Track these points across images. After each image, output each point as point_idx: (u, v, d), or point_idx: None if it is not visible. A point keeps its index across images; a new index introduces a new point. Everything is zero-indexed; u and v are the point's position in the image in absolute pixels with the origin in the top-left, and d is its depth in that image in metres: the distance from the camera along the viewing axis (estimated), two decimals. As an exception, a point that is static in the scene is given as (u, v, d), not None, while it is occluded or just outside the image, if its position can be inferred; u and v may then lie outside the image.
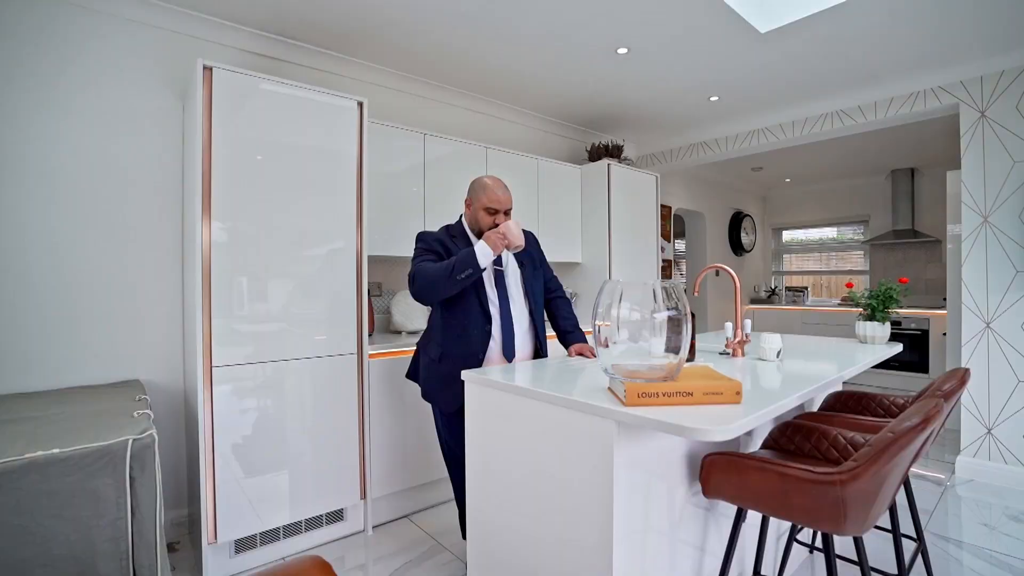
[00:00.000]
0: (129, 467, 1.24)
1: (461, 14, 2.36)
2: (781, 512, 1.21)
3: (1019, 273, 2.79)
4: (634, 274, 3.70)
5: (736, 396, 1.16)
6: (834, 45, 2.69)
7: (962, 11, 2.34)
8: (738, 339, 1.86)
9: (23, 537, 1.13)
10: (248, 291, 2.02)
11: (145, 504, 1.27)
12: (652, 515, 1.31)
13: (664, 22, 2.45)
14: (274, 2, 2.25)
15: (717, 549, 1.56)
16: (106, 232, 2.17)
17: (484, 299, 1.79)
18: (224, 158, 1.96)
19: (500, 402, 1.47)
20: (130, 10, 2.20)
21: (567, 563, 1.28)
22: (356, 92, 2.87)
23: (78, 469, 1.19)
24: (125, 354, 2.21)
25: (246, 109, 2.02)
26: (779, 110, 3.67)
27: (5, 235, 1.96)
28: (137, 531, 1.25)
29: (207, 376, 1.92)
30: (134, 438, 1.27)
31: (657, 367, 1.19)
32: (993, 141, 2.87)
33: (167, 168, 2.31)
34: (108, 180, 2.17)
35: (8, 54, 1.96)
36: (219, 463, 1.95)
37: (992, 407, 2.88)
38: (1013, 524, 2.39)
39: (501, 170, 3.16)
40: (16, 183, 1.98)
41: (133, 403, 1.71)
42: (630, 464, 1.21)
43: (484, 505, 1.54)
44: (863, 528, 1.15)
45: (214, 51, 2.42)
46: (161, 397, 2.26)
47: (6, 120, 1.96)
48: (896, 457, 1.09)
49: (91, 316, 2.13)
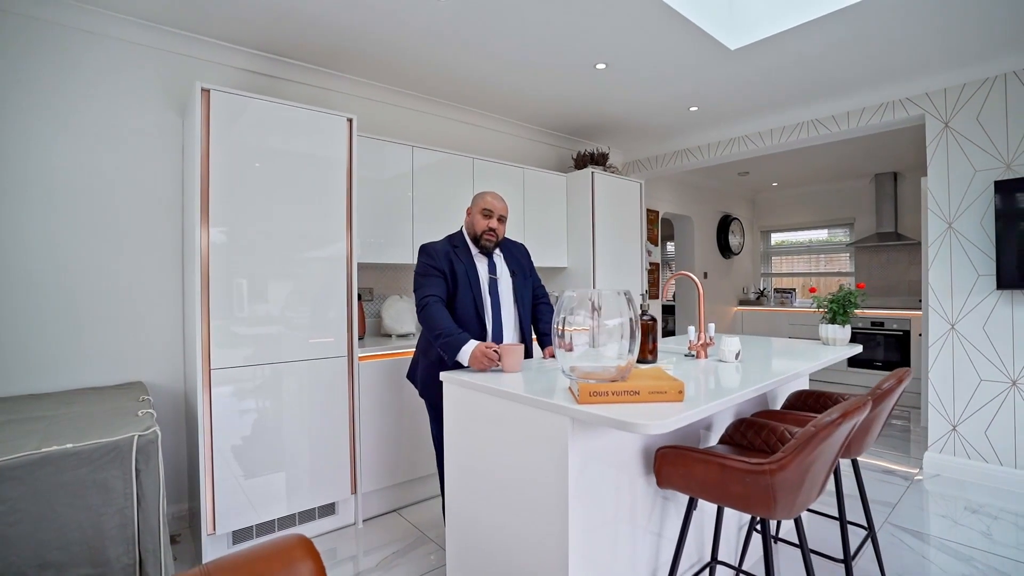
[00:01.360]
0: (135, 461, 1.37)
1: (441, 34, 2.49)
2: (722, 499, 1.35)
3: (981, 277, 2.92)
4: (618, 277, 3.83)
5: (679, 395, 1.29)
6: (804, 60, 2.83)
7: (926, 27, 2.45)
8: (701, 342, 1.99)
9: (41, 523, 1.26)
10: (244, 296, 2.15)
11: (149, 494, 1.40)
12: (612, 504, 1.44)
13: (639, 40, 2.59)
14: (268, 25, 2.39)
15: (675, 535, 1.69)
16: (110, 241, 2.30)
17: (480, 306, 1.97)
18: (221, 173, 2.09)
19: (473, 400, 1.60)
20: (136, 35, 2.33)
21: (532, 548, 1.41)
22: (347, 106, 3.00)
23: (89, 462, 1.32)
24: (128, 357, 2.34)
25: (242, 127, 2.15)
26: (757, 119, 3.81)
27: (16, 246, 2.09)
28: (143, 518, 1.38)
29: (206, 377, 2.06)
30: (139, 434, 1.40)
31: (609, 368, 1.33)
32: (956, 150, 3.00)
33: (168, 180, 2.45)
34: (112, 191, 2.31)
35: (25, 78, 2.10)
36: (218, 460, 2.08)
37: (957, 405, 3.01)
38: (969, 515, 2.52)
39: (487, 179, 3.29)
40: (26, 196, 2.11)
41: (137, 403, 1.84)
42: (585, 457, 1.34)
43: (460, 496, 1.67)
44: (791, 513, 1.28)
45: (212, 71, 2.56)
46: (163, 397, 2.39)
47: (22, 139, 2.09)
48: (818, 448, 1.22)
49: (95, 321, 2.26)
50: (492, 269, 2.05)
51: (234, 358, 2.13)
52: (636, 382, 1.30)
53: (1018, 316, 2.80)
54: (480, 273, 2.02)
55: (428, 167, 3.02)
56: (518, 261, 2.13)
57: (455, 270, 1.97)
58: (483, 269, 2.03)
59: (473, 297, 1.96)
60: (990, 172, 2.88)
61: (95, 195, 2.27)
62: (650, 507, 1.59)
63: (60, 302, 2.18)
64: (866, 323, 5.54)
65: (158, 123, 2.42)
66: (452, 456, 1.71)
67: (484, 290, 2.00)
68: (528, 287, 2.15)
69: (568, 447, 1.28)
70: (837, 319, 2.35)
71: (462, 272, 1.98)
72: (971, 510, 2.58)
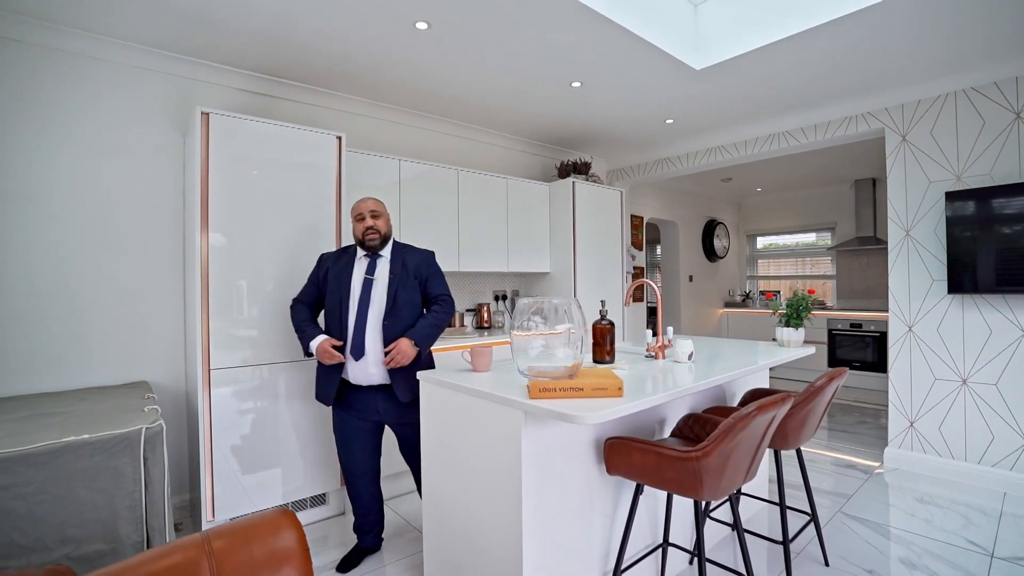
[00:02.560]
0: (143, 450, 1.56)
1: (422, 57, 2.68)
2: (658, 483, 1.53)
3: (935, 282, 3.10)
4: (599, 282, 4.01)
5: (618, 391, 1.47)
6: (766, 78, 3.01)
7: (882, 48, 2.60)
8: (659, 344, 2.18)
9: (60, 503, 1.45)
10: (242, 300, 2.34)
11: (156, 480, 1.59)
12: (567, 490, 1.62)
13: (609, 62, 2.77)
14: (263, 49, 2.57)
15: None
16: (114, 249, 2.49)
17: (346, 301, 2.05)
18: (219, 187, 2.28)
19: (444, 397, 1.79)
20: (140, 59, 2.52)
21: (493, 530, 1.59)
22: (338, 122, 3.19)
23: (103, 451, 1.51)
24: (133, 358, 2.53)
25: (238, 146, 2.34)
26: (731, 130, 3.99)
27: (28, 255, 2.28)
28: (150, 500, 1.57)
29: (206, 377, 2.24)
30: (146, 427, 1.58)
31: (560, 368, 1.51)
32: (913, 162, 3.19)
33: (169, 192, 2.63)
34: (117, 204, 2.49)
35: (40, 103, 2.29)
36: (217, 454, 2.27)
37: (914, 403, 3.20)
38: (917, 505, 2.70)
39: (472, 189, 3.48)
40: (42, 210, 2.30)
41: (142, 400, 2.03)
42: (539, 446, 1.53)
43: (435, 482, 1.86)
44: (717, 495, 1.47)
45: (211, 91, 2.74)
46: (166, 396, 2.57)
47: (33, 157, 2.28)
48: (737, 438, 1.40)
49: (102, 324, 2.45)
50: (370, 271, 2.08)
51: (232, 359, 2.31)
52: (581, 380, 1.48)
53: (967, 319, 2.98)
54: (355, 274, 2.08)
55: (414, 178, 3.20)
56: (404, 264, 2.11)
57: (328, 274, 2.11)
58: (360, 270, 2.08)
59: (340, 299, 2.05)
60: (943, 183, 3.06)
61: (101, 208, 2.45)
62: (604, 493, 1.78)
63: (68, 307, 2.37)
64: (845, 325, 5.73)
65: (160, 140, 2.60)
66: (428, 446, 1.89)
67: (353, 291, 2.05)
68: (412, 288, 2.10)
69: (521, 437, 1.47)
70: (791, 322, 2.54)
71: (334, 274, 2.09)
72: (920, 500, 2.76)
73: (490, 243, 3.59)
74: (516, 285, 4.20)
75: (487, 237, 3.58)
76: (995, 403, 2.90)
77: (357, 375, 2.05)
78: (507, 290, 4.11)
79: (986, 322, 2.92)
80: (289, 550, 1.13)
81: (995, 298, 2.88)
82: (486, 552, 1.62)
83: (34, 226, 2.29)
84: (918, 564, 2.13)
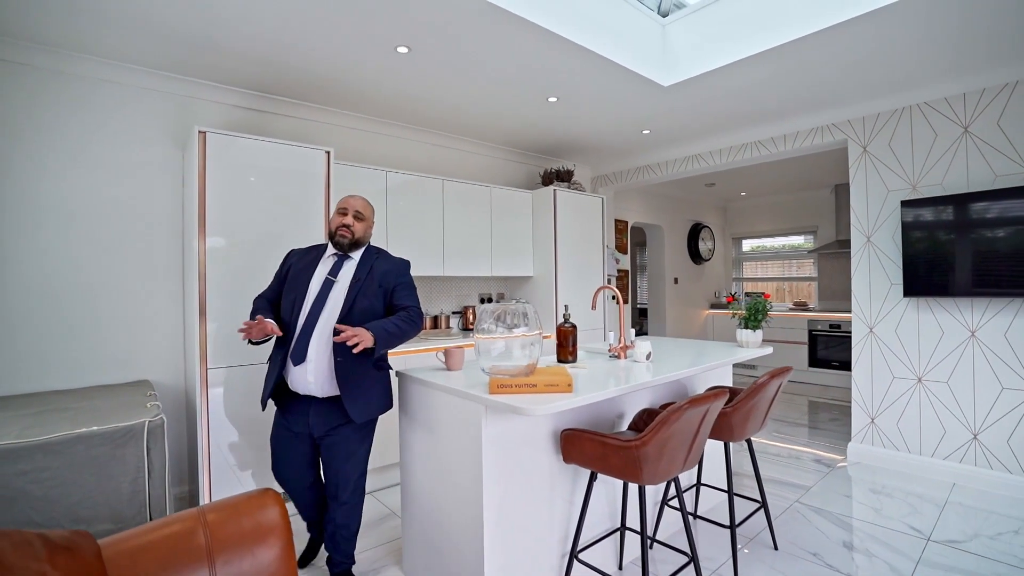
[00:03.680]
0: (146, 441, 1.74)
1: (405, 76, 2.86)
2: (605, 470, 1.71)
3: (893, 285, 3.28)
4: (580, 285, 4.19)
5: (568, 387, 1.65)
6: (732, 93, 3.19)
7: (841, 64, 2.76)
8: (621, 344, 2.36)
9: (73, 487, 1.63)
10: (232, 307, 2.52)
11: (157, 467, 1.77)
12: (528, 477, 1.80)
13: (581, 79, 2.95)
14: (255, 69, 2.75)
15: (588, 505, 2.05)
16: (118, 257, 2.67)
17: (300, 300, 1.90)
18: (215, 199, 2.47)
19: (420, 393, 1.97)
20: (142, 80, 2.70)
21: (459, 514, 1.77)
22: (327, 135, 3.37)
23: (110, 441, 1.69)
24: (136, 359, 2.71)
25: (233, 160, 2.52)
26: (705, 140, 4.18)
27: (43, 264, 2.46)
28: (152, 487, 1.75)
29: (203, 376, 2.43)
30: (149, 420, 1.77)
31: (518, 367, 1.69)
32: (873, 172, 3.37)
33: (170, 204, 2.81)
34: (122, 215, 2.67)
35: (46, 122, 2.47)
36: (213, 448, 2.45)
37: (875, 400, 3.38)
38: (871, 495, 2.88)
39: (457, 198, 3.66)
40: (52, 221, 2.48)
41: (145, 397, 2.21)
42: (500, 437, 1.71)
43: (412, 470, 2.04)
44: (656, 480, 1.64)
45: (208, 108, 2.93)
46: (166, 394, 2.76)
47: (44, 173, 2.46)
48: (671, 429, 1.58)
49: (107, 328, 2.63)
50: (334, 271, 1.94)
51: (228, 359, 2.50)
52: (536, 377, 1.66)
53: (922, 320, 3.16)
54: (318, 273, 1.94)
55: (401, 188, 3.39)
56: (371, 269, 1.96)
57: (290, 273, 1.98)
58: (323, 270, 1.95)
59: (295, 297, 1.91)
60: (899, 192, 3.24)
61: (106, 218, 2.63)
62: (564, 481, 1.96)
63: (77, 311, 2.55)
64: (825, 326, 5.91)
65: (161, 155, 2.79)
66: (406, 437, 2.07)
67: (310, 291, 1.91)
68: (374, 297, 1.92)
69: (482, 429, 1.65)
70: (749, 324, 2.71)
71: (296, 272, 1.96)
72: (874, 491, 2.94)
73: (475, 249, 3.78)
74: (501, 288, 4.38)
75: (472, 243, 3.76)
76: (947, 400, 3.07)
77: (295, 380, 1.86)
78: (492, 293, 4.29)
79: (939, 323, 3.10)
80: (273, 523, 1.32)
81: (947, 301, 3.06)
82: (454, 534, 1.80)
83: (45, 236, 2.47)
84: (859, 547, 2.31)
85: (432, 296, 3.93)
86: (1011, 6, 2.19)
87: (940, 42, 2.51)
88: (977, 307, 2.96)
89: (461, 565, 1.77)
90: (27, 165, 2.43)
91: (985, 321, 2.93)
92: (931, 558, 2.21)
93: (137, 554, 1.11)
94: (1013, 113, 2.83)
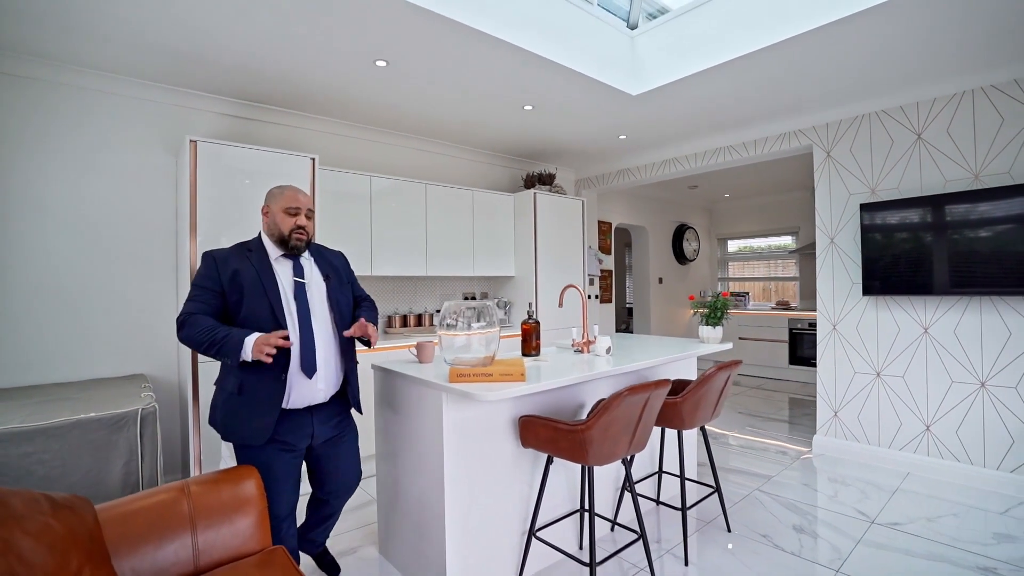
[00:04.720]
0: (139, 427, 1.90)
1: (385, 86, 3.02)
2: (557, 452, 1.87)
3: (854, 285, 3.44)
4: (560, 284, 4.35)
5: (522, 377, 1.82)
6: (698, 101, 3.35)
7: (802, 74, 2.92)
8: (584, 340, 2.52)
9: (71, 469, 1.79)
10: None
11: (149, 452, 1.93)
12: (489, 461, 1.96)
13: (554, 90, 3.11)
14: (244, 80, 2.92)
15: (548, 487, 2.21)
16: (118, 258, 2.83)
17: (280, 314, 1.68)
18: (205, 201, 2.63)
19: (391, 383, 2.13)
20: (137, 91, 2.87)
21: (426, 495, 1.93)
22: (313, 142, 3.54)
23: (106, 427, 1.85)
24: (131, 353, 2.87)
25: (222, 167, 2.69)
26: (679, 144, 4.34)
27: (46, 264, 2.63)
28: (144, 470, 1.91)
29: (195, 371, 2.59)
30: (142, 407, 1.93)
31: (477, 358, 1.85)
32: (836, 176, 3.53)
33: (164, 207, 2.98)
34: (119, 219, 2.84)
35: (48, 130, 2.64)
36: (204, 439, 2.61)
37: (838, 394, 3.54)
38: (827, 483, 3.04)
39: (439, 202, 3.82)
40: (54, 224, 2.65)
41: (140, 388, 2.37)
42: (462, 423, 1.86)
43: (386, 456, 2.20)
44: (601, 461, 1.80)
45: (199, 117, 3.09)
46: (160, 387, 2.92)
47: (45, 179, 2.63)
48: (613, 414, 1.74)
49: (105, 323, 2.79)
50: (299, 273, 1.78)
51: (217, 354, 2.66)
52: (493, 368, 1.82)
53: (880, 318, 3.32)
54: (281, 278, 1.74)
55: (385, 192, 3.55)
56: (332, 265, 1.90)
57: (240, 280, 1.68)
58: (285, 273, 1.76)
59: (270, 305, 1.67)
60: (860, 196, 3.40)
61: (104, 221, 2.80)
62: (524, 464, 2.12)
63: (77, 308, 2.72)
64: (804, 324, 6.07)
65: (155, 162, 2.95)
66: (380, 425, 2.24)
67: (286, 296, 1.72)
68: (346, 292, 1.91)
69: (443, 414, 1.81)
70: (710, 321, 2.88)
71: (251, 279, 1.68)
72: (832, 480, 3.10)
73: (457, 250, 3.94)
74: (484, 287, 4.54)
75: (454, 244, 3.92)
76: (903, 393, 3.24)
77: (300, 394, 1.71)
78: (476, 292, 4.46)
79: (895, 320, 3.26)
80: (249, 495, 1.49)
81: (902, 299, 3.22)
82: (422, 515, 1.96)
83: (48, 238, 2.64)
84: (807, 529, 2.47)
85: (416, 295, 4.09)
86: (953, 25, 2.35)
87: (893, 55, 2.66)
88: (929, 305, 3.12)
89: (428, 542, 1.93)
90: (30, 171, 2.60)
91: (936, 318, 3.09)
92: (871, 538, 2.37)
93: (128, 517, 1.28)
94: (960, 122, 2.99)
